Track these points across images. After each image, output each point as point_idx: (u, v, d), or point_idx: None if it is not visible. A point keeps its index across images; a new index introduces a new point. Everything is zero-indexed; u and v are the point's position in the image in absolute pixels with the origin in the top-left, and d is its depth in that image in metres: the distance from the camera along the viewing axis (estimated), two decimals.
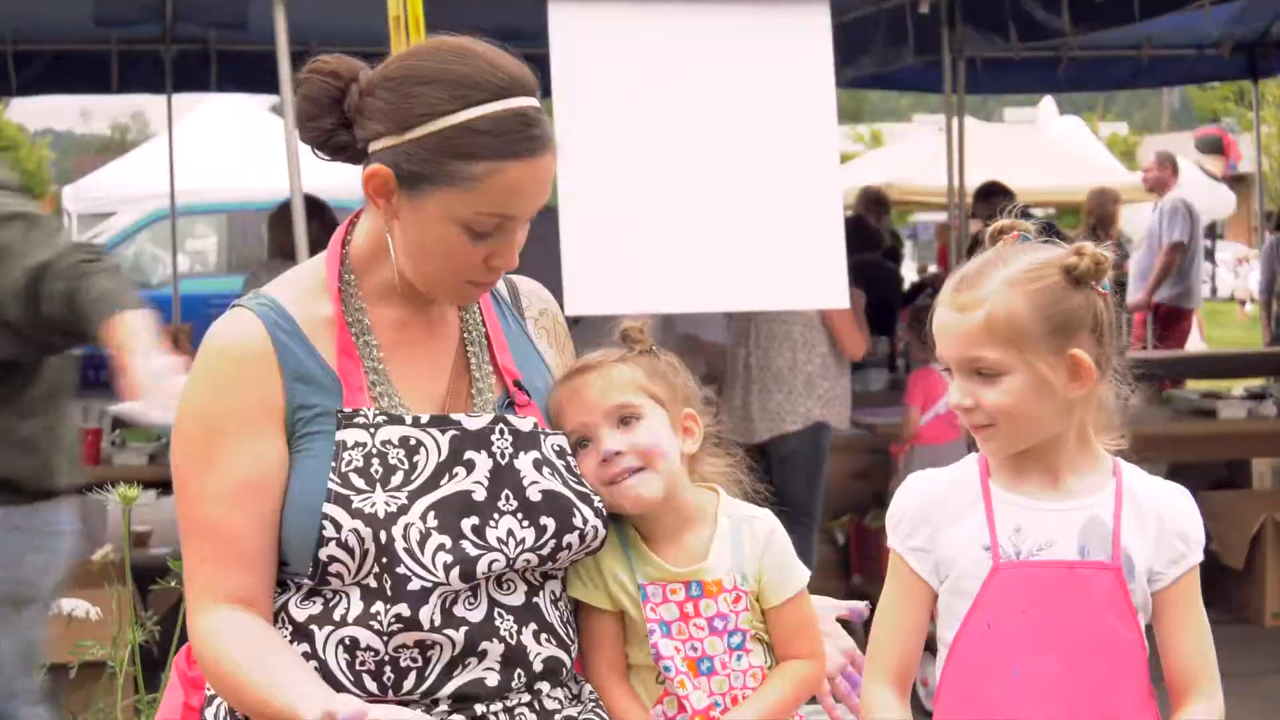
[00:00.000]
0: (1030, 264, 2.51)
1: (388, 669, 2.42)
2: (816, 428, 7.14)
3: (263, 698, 2.35)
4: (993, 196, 10.50)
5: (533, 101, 2.46)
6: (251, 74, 11.11)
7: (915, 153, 20.76)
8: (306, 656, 2.43)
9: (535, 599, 2.53)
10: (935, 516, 2.60)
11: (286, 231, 7.17)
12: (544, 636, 2.52)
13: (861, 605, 2.94)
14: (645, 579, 2.61)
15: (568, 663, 2.57)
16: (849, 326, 7.16)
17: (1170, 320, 12.29)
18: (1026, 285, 2.48)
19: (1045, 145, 21.19)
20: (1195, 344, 15.99)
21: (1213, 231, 29.65)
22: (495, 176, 2.40)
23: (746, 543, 2.65)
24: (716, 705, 2.60)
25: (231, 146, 18.40)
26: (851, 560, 7.90)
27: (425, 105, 2.40)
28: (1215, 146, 16.95)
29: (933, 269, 17.44)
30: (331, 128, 2.50)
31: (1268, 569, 8.19)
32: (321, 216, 7.41)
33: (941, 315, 2.55)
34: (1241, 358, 12.41)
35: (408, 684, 2.42)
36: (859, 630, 2.91)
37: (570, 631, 2.60)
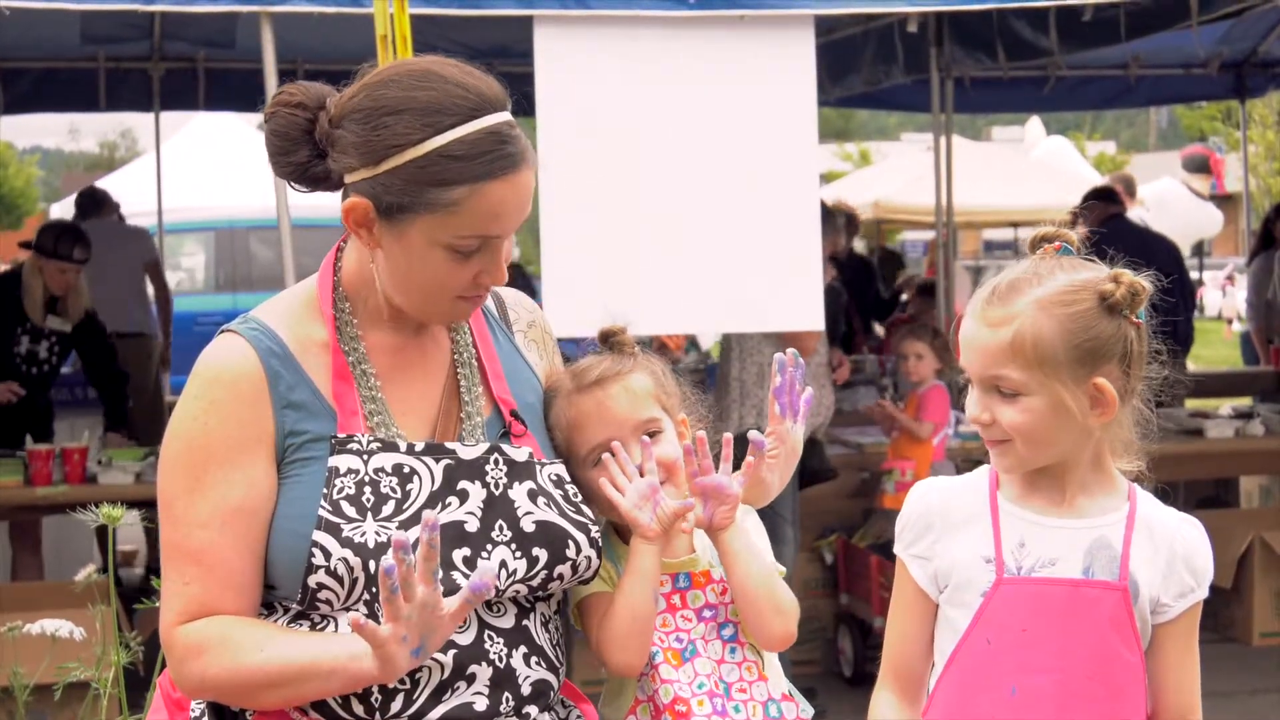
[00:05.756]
0: (1065, 286, 2.47)
1: (375, 690, 2.39)
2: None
3: (297, 663, 2.32)
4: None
5: (505, 117, 2.43)
6: (239, 92, 11.13)
7: (903, 171, 20.79)
8: None
9: (525, 621, 2.51)
10: (939, 524, 2.59)
11: None
12: (534, 659, 2.51)
13: (761, 437, 2.80)
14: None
15: (556, 685, 2.55)
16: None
17: None
18: (1059, 309, 2.45)
19: (1032, 164, 21.23)
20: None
21: (1200, 250, 29.73)
22: (475, 199, 2.38)
23: None
24: (701, 686, 2.59)
25: (219, 164, 18.41)
26: (839, 579, 7.89)
27: (396, 136, 2.38)
28: (1202, 166, 16.96)
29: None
30: (307, 160, 2.47)
31: (1256, 588, 8.19)
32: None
33: (969, 327, 2.51)
34: (1229, 377, 12.41)
35: (395, 705, 2.40)
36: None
37: (559, 654, 2.58)
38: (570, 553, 2.50)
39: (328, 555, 2.37)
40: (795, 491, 7.20)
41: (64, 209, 22.19)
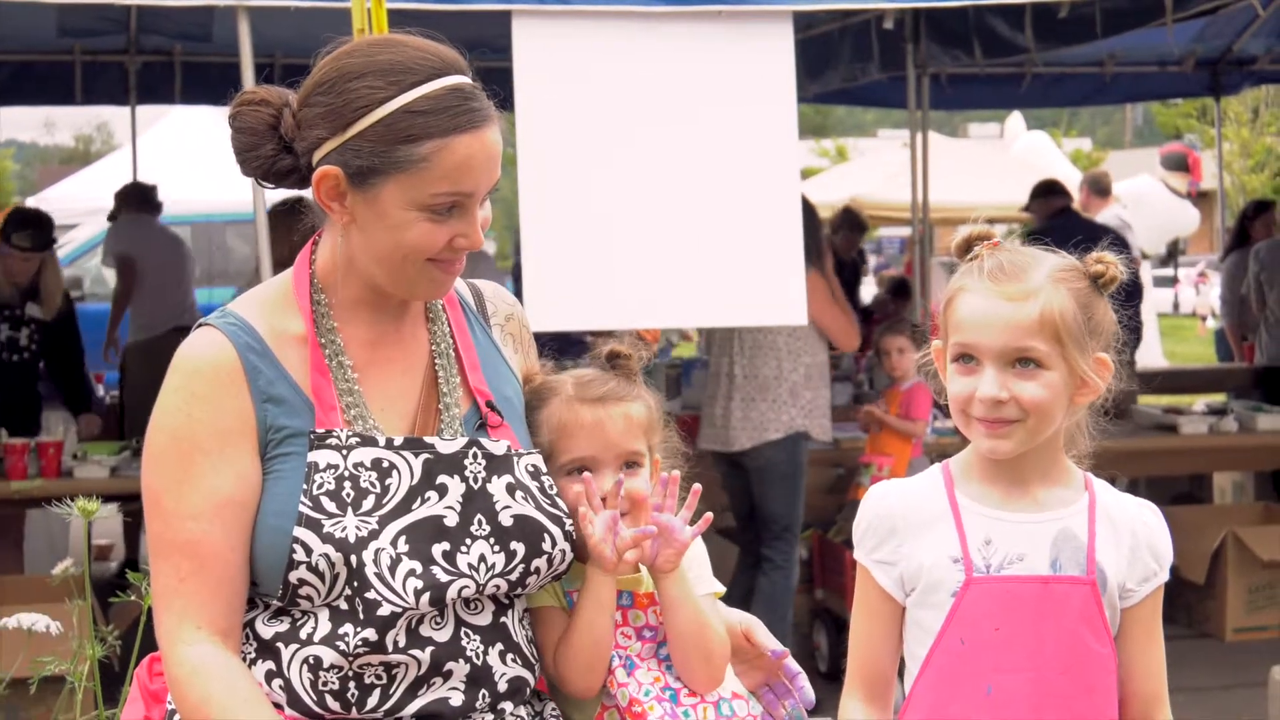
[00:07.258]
0: (1062, 264, 2.50)
1: (352, 685, 2.40)
2: (797, 437, 7.20)
3: None
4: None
5: (467, 79, 2.46)
6: (216, 86, 11.04)
7: (880, 168, 20.81)
8: (271, 675, 2.42)
9: (503, 619, 2.52)
10: (902, 528, 2.59)
11: None
12: (510, 656, 2.51)
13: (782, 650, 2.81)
14: (573, 588, 2.64)
15: (531, 682, 2.56)
16: (836, 320, 7.21)
17: None
18: (1067, 284, 2.46)
19: (1008, 161, 21.26)
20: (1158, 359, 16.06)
21: (1175, 248, 29.81)
22: (443, 154, 2.40)
23: None
24: (648, 693, 2.61)
25: (195, 158, 18.31)
26: (815, 574, 7.90)
27: (362, 98, 2.40)
28: (1180, 164, 16.98)
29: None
30: (272, 154, 2.49)
31: (1229, 584, 8.23)
32: None
33: (981, 304, 2.48)
34: (1203, 373, 12.46)
35: (372, 701, 2.41)
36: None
37: (535, 650, 2.59)
38: (546, 546, 2.51)
39: (309, 551, 2.38)
40: (799, 498, 7.21)
41: (37, 203, 22.12)
